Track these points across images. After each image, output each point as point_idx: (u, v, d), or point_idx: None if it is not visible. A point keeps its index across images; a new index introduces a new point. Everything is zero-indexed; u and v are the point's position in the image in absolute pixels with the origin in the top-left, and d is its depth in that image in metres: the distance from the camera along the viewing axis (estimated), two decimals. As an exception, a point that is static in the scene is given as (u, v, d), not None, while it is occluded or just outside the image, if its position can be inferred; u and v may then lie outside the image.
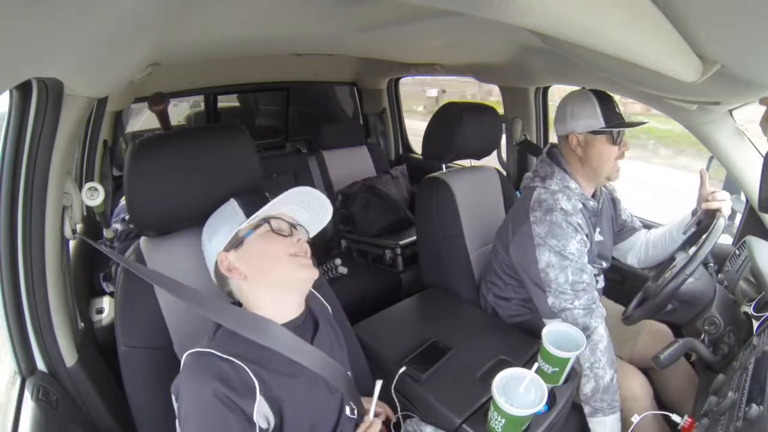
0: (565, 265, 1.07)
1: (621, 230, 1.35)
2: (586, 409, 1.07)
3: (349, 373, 0.83)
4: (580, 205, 1.15)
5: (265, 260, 0.76)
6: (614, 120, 1.11)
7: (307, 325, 0.82)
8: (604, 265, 1.27)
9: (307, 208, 0.83)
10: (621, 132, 1.13)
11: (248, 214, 0.77)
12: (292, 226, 0.80)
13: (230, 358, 0.67)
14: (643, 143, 4.94)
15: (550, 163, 1.20)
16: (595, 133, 1.12)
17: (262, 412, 0.67)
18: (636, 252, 1.36)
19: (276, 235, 0.76)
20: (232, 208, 0.80)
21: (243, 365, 0.67)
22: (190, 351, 0.69)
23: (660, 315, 1.01)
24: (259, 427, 0.67)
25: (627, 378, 1.12)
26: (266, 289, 0.78)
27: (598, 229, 1.23)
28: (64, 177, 0.83)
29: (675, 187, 3.41)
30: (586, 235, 1.12)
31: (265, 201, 0.78)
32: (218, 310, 0.74)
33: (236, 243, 0.76)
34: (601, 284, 1.28)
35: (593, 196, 1.22)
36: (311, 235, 0.85)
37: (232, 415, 0.64)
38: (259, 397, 0.67)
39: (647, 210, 1.63)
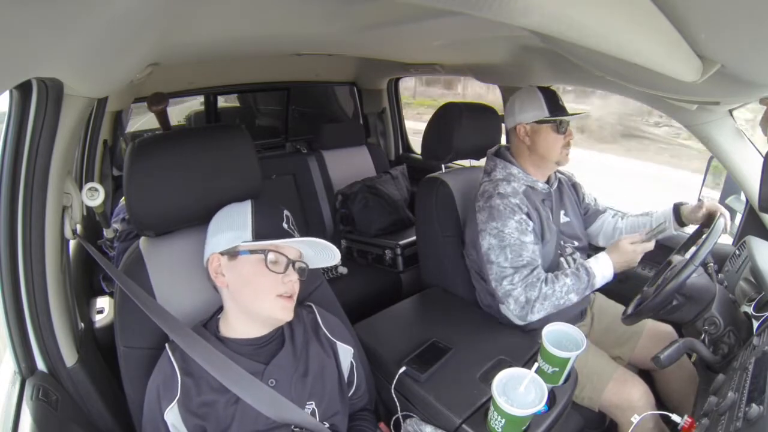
0: (504, 245, 1.14)
1: (586, 213, 1.41)
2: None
3: (310, 406, 0.80)
4: (523, 188, 1.22)
5: (250, 287, 0.77)
6: (558, 112, 1.21)
7: (269, 345, 0.81)
8: (576, 244, 1.31)
9: (314, 249, 0.82)
10: (564, 123, 1.22)
11: (255, 232, 0.76)
12: (291, 262, 0.78)
13: (174, 364, 0.76)
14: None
15: (493, 158, 1.31)
16: (540, 122, 1.22)
17: (170, 418, 0.74)
18: (606, 236, 1.40)
19: (268, 270, 0.76)
20: (244, 215, 0.79)
21: (178, 375, 0.75)
22: (169, 341, 0.78)
23: (662, 314, 1.01)
24: (168, 425, 0.75)
25: (626, 386, 1.10)
26: (239, 307, 0.79)
27: (562, 211, 1.31)
28: (64, 177, 0.83)
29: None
30: (527, 214, 1.17)
31: (279, 227, 0.78)
32: (189, 342, 0.75)
33: (232, 253, 0.77)
34: (579, 262, 1.30)
35: (547, 182, 1.29)
36: (311, 267, 0.84)
37: (157, 404, 0.76)
38: (174, 404, 0.74)
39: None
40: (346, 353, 0.89)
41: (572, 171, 1.44)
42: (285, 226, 0.80)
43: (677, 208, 1.25)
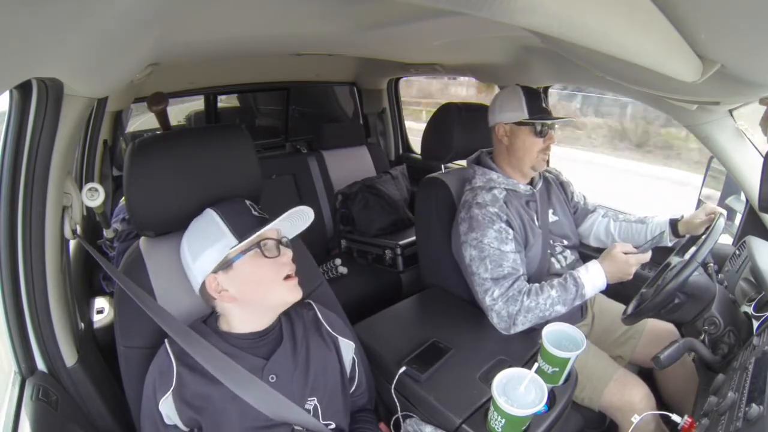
0: (484, 256, 1.12)
1: (575, 212, 1.39)
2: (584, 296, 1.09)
3: (312, 403, 0.80)
4: (504, 193, 1.19)
5: (259, 285, 0.77)
6: (539, 114, 1.18)
7: (269, 339, 0.80)
8: (566, 242, 1.30)
9: (290, 220, 0.81)
10: (545, 126, 1.19)
11: (237, 234, 0.75)
12: (279, 242, 0.78)
13: (171, 356, 0.76)
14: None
15: (473, 165, 1.29)
16: (519, 124, 1.19)
17: (164, 409, 0.75)
18: (598, 238, 1.38)
19: (267, 259, 0.75)
20: (216, 225, 0.77)
21: (174, 365, 0.75)
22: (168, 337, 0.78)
23: (662, 313, 1.01)
24: (163, 416, 0.75)
25: (627, 388, 1.09)
26: (250, 307, 0.79)
27: (551, 210, 1.29)
28: (64, 177, 0.83)
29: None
30: (506, 222, 1.15)
31: (252, 216, 0.78)
32: (189, 341, 0.75)
33: (225, 265, 0.75)
34: (570, 259, 1.30)
35: (531, 182, 1.27)
36: (290, 237, 0.84)
37: (153, 395, 0.76)
38: (169, 395, 0.74)
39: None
40: (348, 348, 0.89)
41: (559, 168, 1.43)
42: (256, 213, 0.79)
43: (674, 222, 1.23)
